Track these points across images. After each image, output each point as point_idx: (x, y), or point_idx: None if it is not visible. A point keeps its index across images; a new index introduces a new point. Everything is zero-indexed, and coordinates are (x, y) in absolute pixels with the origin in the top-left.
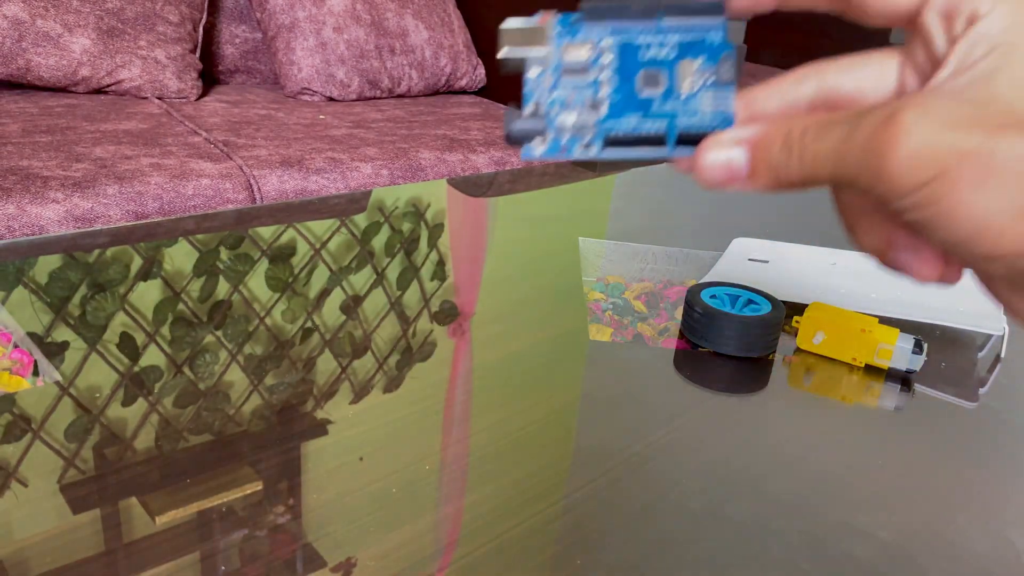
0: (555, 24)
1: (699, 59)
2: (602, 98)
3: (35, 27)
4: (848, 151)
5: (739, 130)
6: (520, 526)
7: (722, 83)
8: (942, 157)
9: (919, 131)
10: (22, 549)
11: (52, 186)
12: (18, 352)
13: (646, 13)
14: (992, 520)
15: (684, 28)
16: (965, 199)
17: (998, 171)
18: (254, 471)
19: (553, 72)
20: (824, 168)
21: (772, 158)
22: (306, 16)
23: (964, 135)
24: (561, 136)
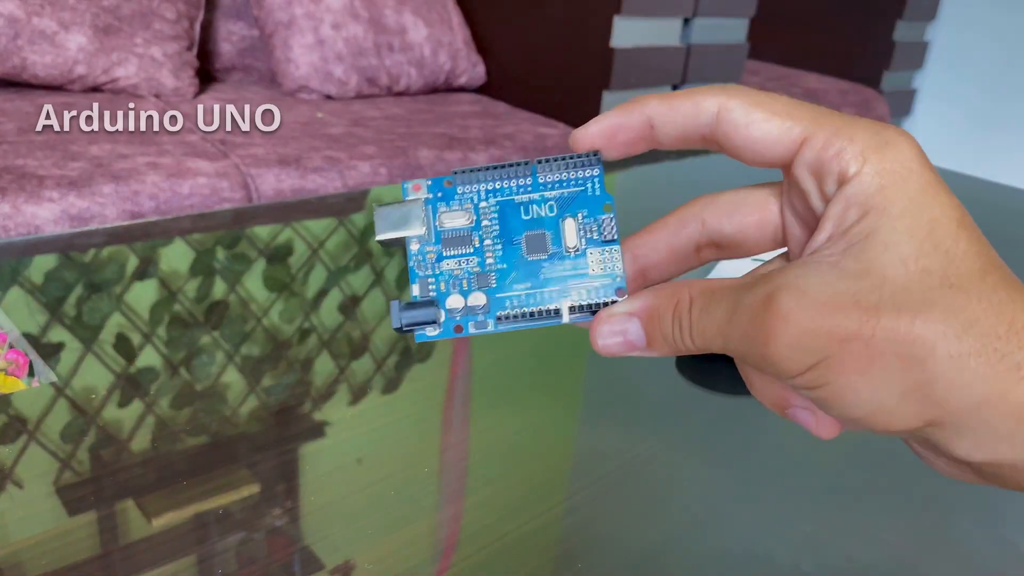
0: (427, 188)
1: (580, 214)
2: (489, 268)
3: (31, 25)
4: (732, 332)
5: (630, 302)
6: (520, 529)
7: (607, 240)
8: (822, 343)
9: (797, 317)
10: (18, 551)
11: (48, 185)
12: (13, 353)
13: (520, 172)
14: (995, 521)
15: (561, 182)
16: (851, 384)
17: (878, 355)
18: (251, 473)
19: (435, 244)
20: (715, 342)
21: (665, 331)
22: (304, 13)
23: (842, 318)
24: (453, 317)
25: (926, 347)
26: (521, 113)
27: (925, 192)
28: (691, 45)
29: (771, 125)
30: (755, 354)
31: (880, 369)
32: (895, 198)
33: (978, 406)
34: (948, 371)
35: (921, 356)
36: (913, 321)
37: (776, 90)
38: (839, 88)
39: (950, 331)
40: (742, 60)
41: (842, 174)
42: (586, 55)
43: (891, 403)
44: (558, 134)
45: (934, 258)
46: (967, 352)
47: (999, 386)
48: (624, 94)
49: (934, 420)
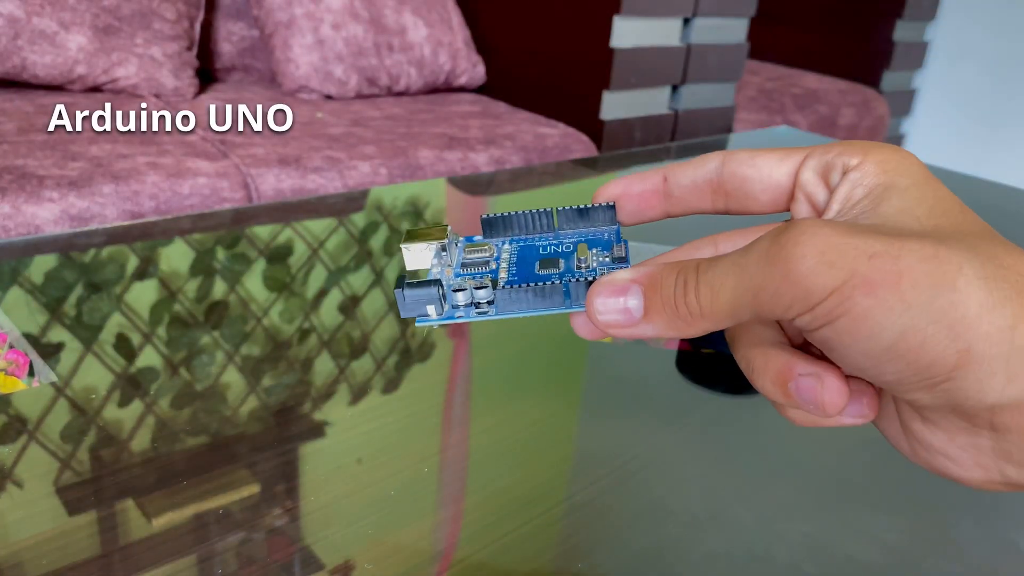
0: (456, 238)
1: (595, 249)
2: (501, 276)
3: (31, 25)
4: (745, 267)
5: (631, 270)
6: (520, 529)
7: (616, 261)
8: (851, 257)
9: (824, 232)
10: (18, 551)
11: (48, 185)
12: (13, 353)
13: (542, 225)
14: (995, 521)
15: (579, 234)
16: (879, 303)
17: (907, 272)
18: (251, 473)
19: (455, 267)
20: (722, 292)
21: (666, 294)
22: (304, 13)
23: (868, 238)
24: (456, 305)
25: (954, 266)
26: (521, 113)
27: (927, 178)
28: (691, 45)
29: (773, 155)
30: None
31: (911, 286)
32: (899, 179)
33: (1011, 328)
34: (978, 292)
35: (951, 276)
36: (938, 246)
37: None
38: (839, 88)
39: (974, 257)
40: (742, 60)
41: (845, 165)
42: (586, 55)
43: (922, 325)
44: (558, 134)
45: (944, 220)
46: (993, 276)
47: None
48: (624, 94)
49: (967, 351)
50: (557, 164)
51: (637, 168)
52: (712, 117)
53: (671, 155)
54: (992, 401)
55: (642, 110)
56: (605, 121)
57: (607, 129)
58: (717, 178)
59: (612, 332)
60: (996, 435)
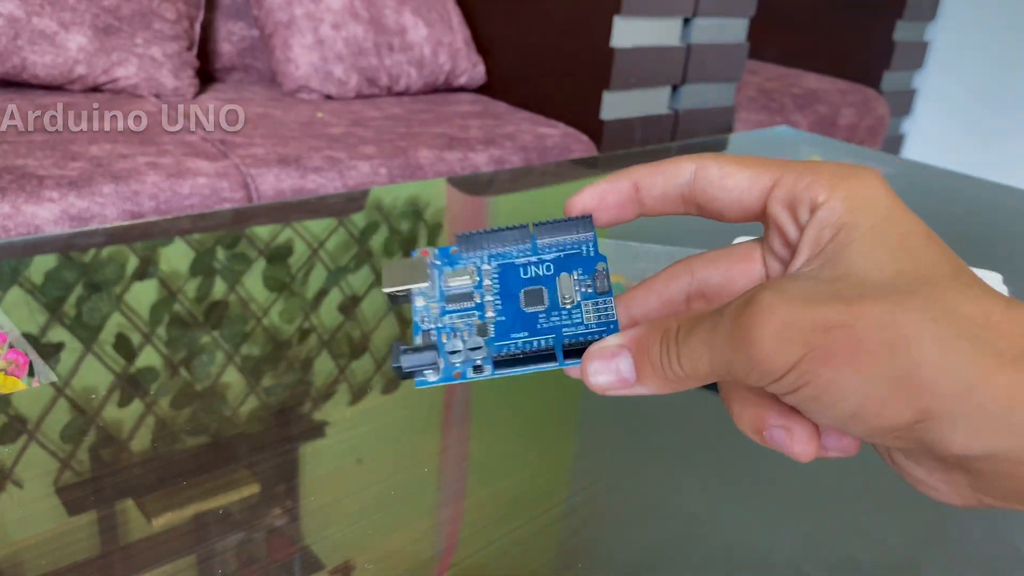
0: (435, 256)
1: (576, 272)
2: (489, 320)
3: (31, 25)
4: (717, 340)
5: (620, 335)
6: (520, 529)
7: (600, 293)
8: (807, 332)
9: (779, 310)
10: (18, 551)
11: (48, 185)
12: (13, 353)
13: (519, 237)
14: (995, 521)
15: (558, 245)
16: (839, 376)
17: (864, 341)
18: (251, 473)
19: (439, 301)
20: (702, 361)
21: (654, 359)
22: (304, 13)
23: (826, 309)
24: (453, 362)
25: (910, 331)
26: (521, 113)
27: (892, 211)
28: (691, 45)
29: (744, 175)
30: (741, 356)
31: (867, 356)
32: (865, 216)
33: (968, 389)
34: (934, 354)
35: (906, 341)
36: (894, 308)
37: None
38: (839, 88)
39: (931, 316)
40: (742, 60)
41: (813, 201)
42: (586, 55)
43: (881, 392)
44: (558, 134)
45: (907, 262)
46: (950, 336)
47: (985, 369)
48: (624, 94)
49: (926, 410)
50: (557, 164)
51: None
52: (712, 117)
53: (671, 155)
54: (956, 452)
55: (642, 110)
56: (605, 121)
57: (607, 129)
58: (688, 191)
59: (609, 393)
60: (969, 476)
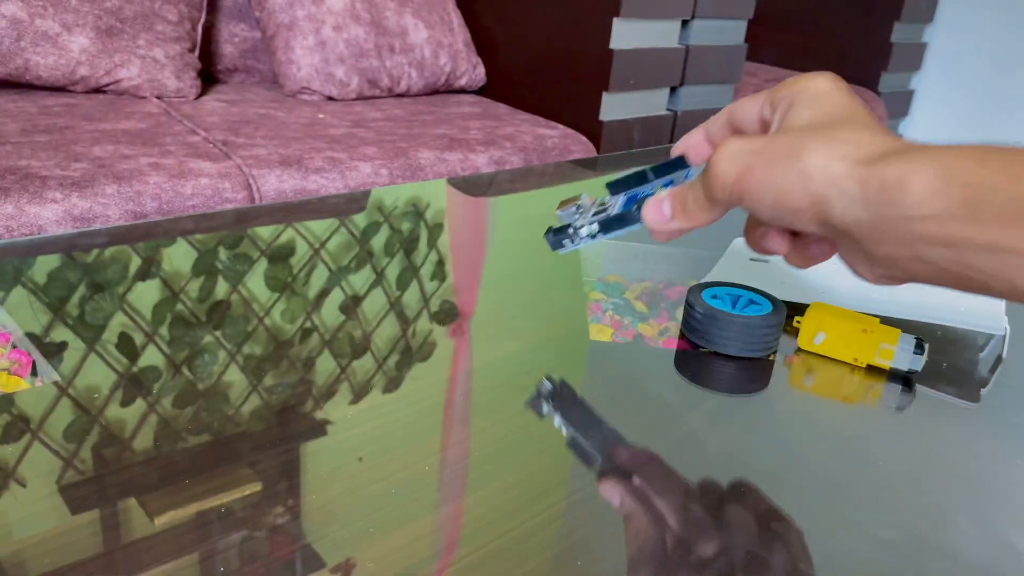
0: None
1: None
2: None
3: (33, 26)
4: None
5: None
6: (520, 527)
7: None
8: (744, 155)
9: (729, 146)
10: (21, 550)
11: (51, 186)
12: (17, 352)
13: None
14: (993, 521)
15: (667, 181)
16: (761, 178)
17: (776, 156)
18: (253, 472)
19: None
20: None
21: (680, 203)
22: (305, 15)
23: (755, 143)
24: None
25: (802, 146)
26: (521, 114)
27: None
28: (690, 46)
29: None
30: (708, 180)
31: (776, 165)
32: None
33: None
34: (818, 159)
35: (799, 152)
36: (798, 135)
37: None
38: None
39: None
40: (740, 61)
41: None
42: (586, 57)
43: (786, 186)
44: (558, 135)
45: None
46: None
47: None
48: (623, 95)
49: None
50: (557, 165)
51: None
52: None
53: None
54: (836, 224)
55: (641, 111)
56: (604, 122)
57: (606, 130)
58: (729, 124)
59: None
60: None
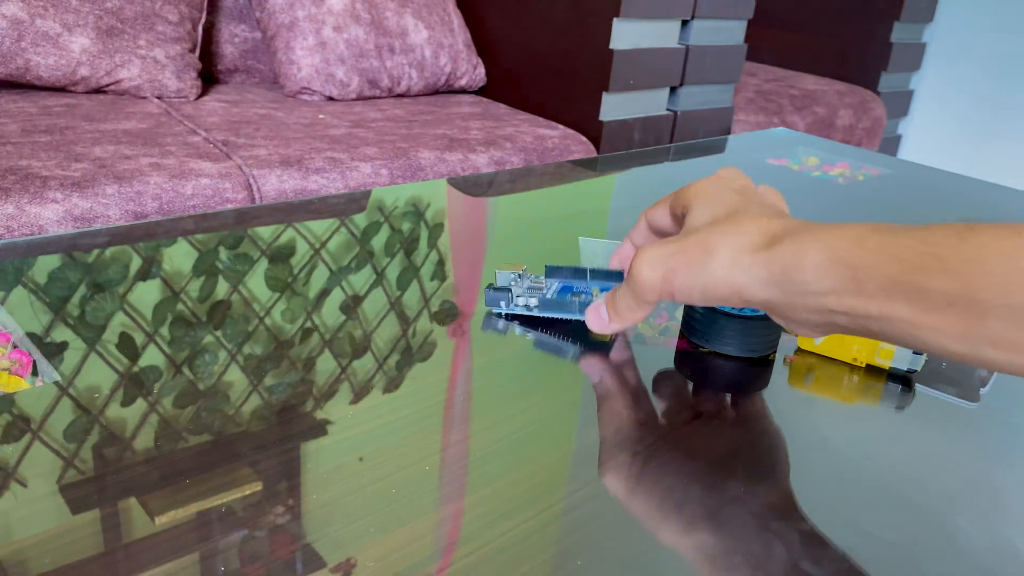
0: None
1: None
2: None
3: (34, 27)
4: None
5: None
6: (520, 526)
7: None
8: (663, 259)
9: (647, 253)
10: (21, 550)
11: (51, 186)
12: (17, 352)
13: (581, 275)
14: (994, 521)
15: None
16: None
17: (693, 255)
18: (254, 471)
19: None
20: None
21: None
22: (306, 15)
23: (670, 245)
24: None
25: (714, 243)
26: (521, 115)
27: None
28: (690, 47)
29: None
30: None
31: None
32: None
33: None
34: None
35: (710, 247)
36: (707, 232)
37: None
38: (836, 89)
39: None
40: (740, 62)
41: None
42: (586, 57)
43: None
44: (558, 136)
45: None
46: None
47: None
48: (623, 95)
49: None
50: (557, 165)
51: (635, 169)
52: (710, 118)
53: (669, 156)
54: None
55: (641, 111)
56: (604, 122)
57: (606, 130)
58: (649, 228)
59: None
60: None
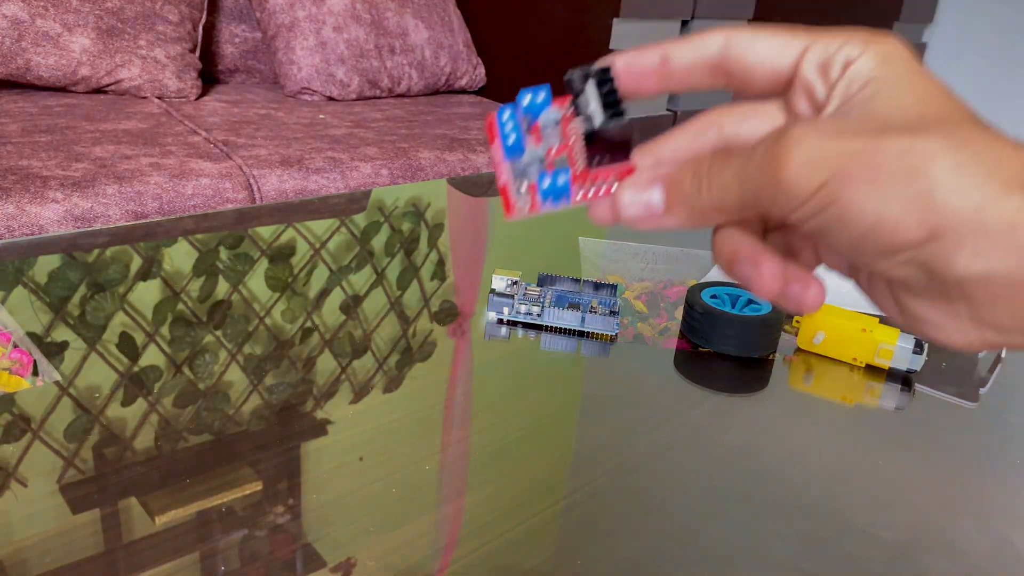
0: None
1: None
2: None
3: (35, 27)
4: (748, 172)
5: (653, 169)
6: (520, 526)
7: None
8: (832, 159)
9: (809, 140)
10: (22, 549)
11: (52, 186)
12: (18, 352)
13: (574, 284)
14: (993, 520)
15: (599, 298)
16: (859, 195)
17: (885, 166)
18: (254, 471)
19: (519, 290)
20: (730, 192)
21: (684, 191)
22: (306, 15)
23: (849, 139)
24: (518, 314)
25: (927, 156)
26: None
27: (917, 68)
28: None
29: (776, 40)
30: (769, 184)
31: (887, 177)
32: (893, 70)
33: (977, 210)
34: (948, 178)
35: (923, 165)
36: (915, 137)
37: None
38: None
39: (948, 145)
40: None
41: (847, 58)
42: (586, 57)
43: (896, 210)
44: None
45: (929, 107)
46: (964, 162)
47: (994, 192)
48: None
49: (936, 228)
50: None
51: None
52: None
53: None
54: (959, 273)
55: (641, 111)
56: None
57: None
58: (719, 59)
59: (636, 224)
60: (969, 304)
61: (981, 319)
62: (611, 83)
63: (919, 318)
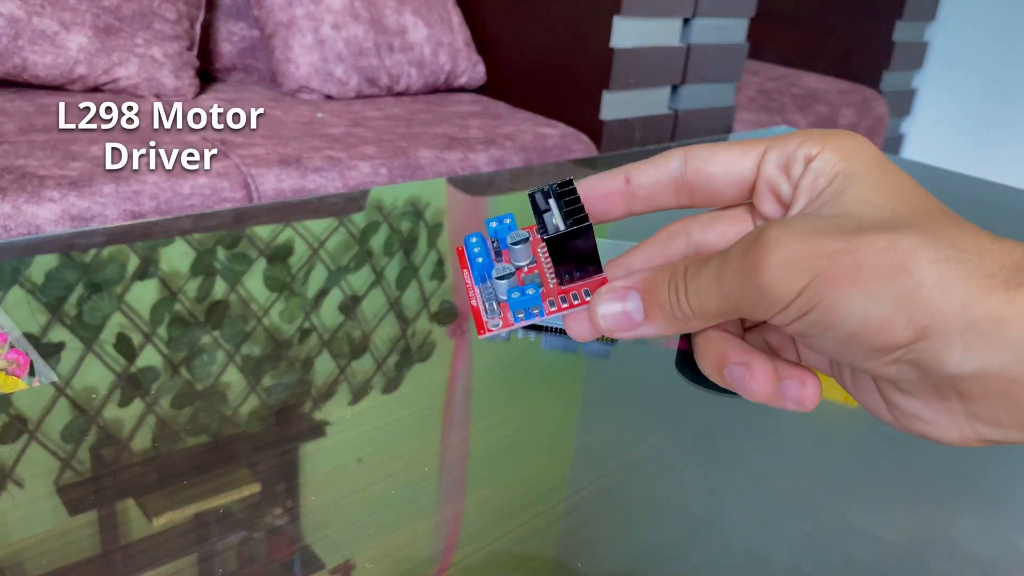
0: None
1: None
2: None
3: (31, 25)
4: (726, 277)
5: (628, 278)
6: (520, 528)
7: None
8: (812, 260)
9: (785, 242)
10: (19, 551)
11: (48, 185)
12: (14, 353)
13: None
14: (994, 521)
15: None
16: (843, 296)
17: (867, 266)
18: (252, 473)
19: None
20: (709, 298)
21: (662, 299)
22: (304, 13)
23: (827, 239)
24: None
25: (908, 253)
26: (521, 113)
27: (881, 162)
28: (691, 45)
29: (734, 148)
30: (749, 289)
31: (870, 277)
32: (857, 164)
33: (963, 307)
34: (931, 275)
35: (905, 262)
36: (894, 236)
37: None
38: (838, 88)
39: (927, 241)
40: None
41: (807, 155)
42: (586, 55)
43: (883, 310)
44: (558, 134)
45: (901, 204)
46: (945, 258)
47: (979, 289)
48: (624, 94)
49: (924, 328)
50: (557, 164)
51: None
52: (712, 117)
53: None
54: (951, 371)
55: (642, 110)
56: (605, 121)
57: (607, 129)
58: (680, 176)
59: (615, 334)
60: (964, 400)
61: (976, 415)
62: (573, 194)
63: (910, 415)
